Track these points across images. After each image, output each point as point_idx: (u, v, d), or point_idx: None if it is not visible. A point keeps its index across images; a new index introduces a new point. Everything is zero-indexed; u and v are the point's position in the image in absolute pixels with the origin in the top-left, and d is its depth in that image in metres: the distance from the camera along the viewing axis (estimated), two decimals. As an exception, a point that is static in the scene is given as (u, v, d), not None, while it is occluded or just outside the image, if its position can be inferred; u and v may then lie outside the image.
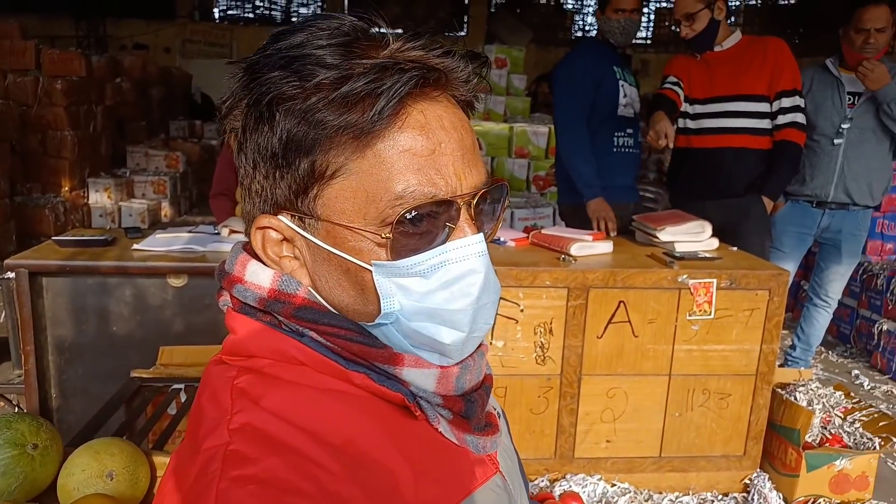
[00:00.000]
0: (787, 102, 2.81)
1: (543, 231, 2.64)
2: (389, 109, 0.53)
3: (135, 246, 2.25)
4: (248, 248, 0.65)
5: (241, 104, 0.58)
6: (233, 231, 2.46)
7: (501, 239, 2.59)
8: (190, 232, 2.46)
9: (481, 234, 0.59)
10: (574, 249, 2.39)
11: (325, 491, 0.51)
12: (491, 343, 2.26)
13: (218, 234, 2.45)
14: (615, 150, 3.05)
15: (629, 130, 3.05)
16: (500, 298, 2.36)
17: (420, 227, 0.56)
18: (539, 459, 2.37)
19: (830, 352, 4.02)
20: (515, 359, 2.28)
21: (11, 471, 0.83)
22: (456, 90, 0.60)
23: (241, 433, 0.53)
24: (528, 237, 2.62)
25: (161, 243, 2.28)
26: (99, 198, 6.35)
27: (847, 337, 4.13)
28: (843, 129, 2.98)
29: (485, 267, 0.59)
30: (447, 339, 0.59)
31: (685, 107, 2.97)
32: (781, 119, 2.82)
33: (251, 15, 12.85)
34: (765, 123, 2.85)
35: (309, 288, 0.61)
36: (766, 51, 2.83)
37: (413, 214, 0.55)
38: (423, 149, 0.55)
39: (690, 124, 2.98)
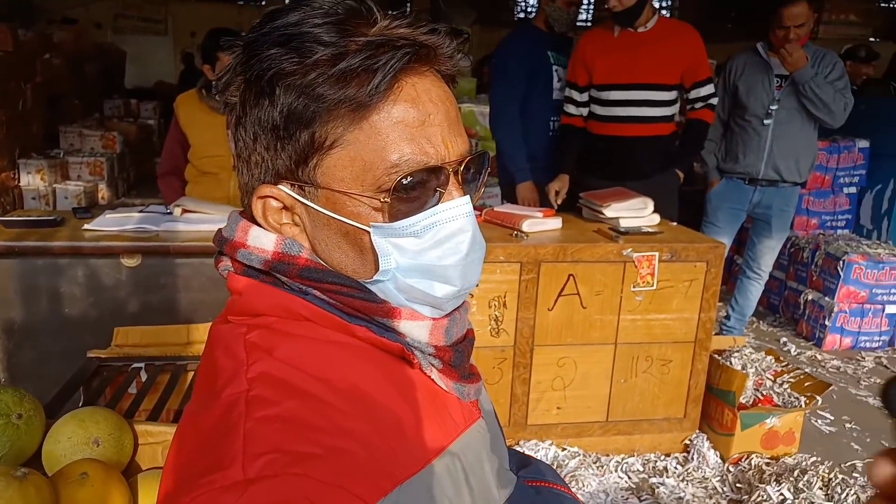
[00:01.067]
0: (704, 91, 2.96)
1: (496, 209, 2.72)
2: (385, 84, 0.58)
3: (85, 226, 2.21)
4: (245, 216, 0.68)
5: (238, 80, 0.62)
6: (185, 210, 2.44)
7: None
8: (141, 212, 2.43)
9: (468, 197, 0.65)
10: (526, 226, 2.48)
11: (339, 427, 0.56)
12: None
13: (170, 213, 2.42)
14: (551, 133, 3.17)
15: None
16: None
17: (414, 192, 0.61)
18: (493, 428, 2.46)
19: (761, 321, 4.26)
20: (470, 332, 2.36)
21: (-1, 439, 0.85)
22: (441, 65, 0.64)
23: (260, 380, 0.58)
24: (480, 215, 2.70)
25: (112, 223, 2.24)
26: (31, 179, 6.08)
27: (776, 307, 4.38)
28: (771, 110, 3.16)
29: (472, 226, 0.65)
30: (440, 293, 0.64)
31: (596, 93, 2.98)
32: (699, 104, 2.98)
33: (187, -11, 12.39)
34: (671, 110, 2.99)
35: (310, 251, 0.65)
36: (684, 41, 2.91)
37: (408, 181, 0.60)
38: (415, 120, 0.60)
39: (605, 111, 2.98)
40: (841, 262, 3.75)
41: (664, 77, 2.90)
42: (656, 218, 2.69)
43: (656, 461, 2.55)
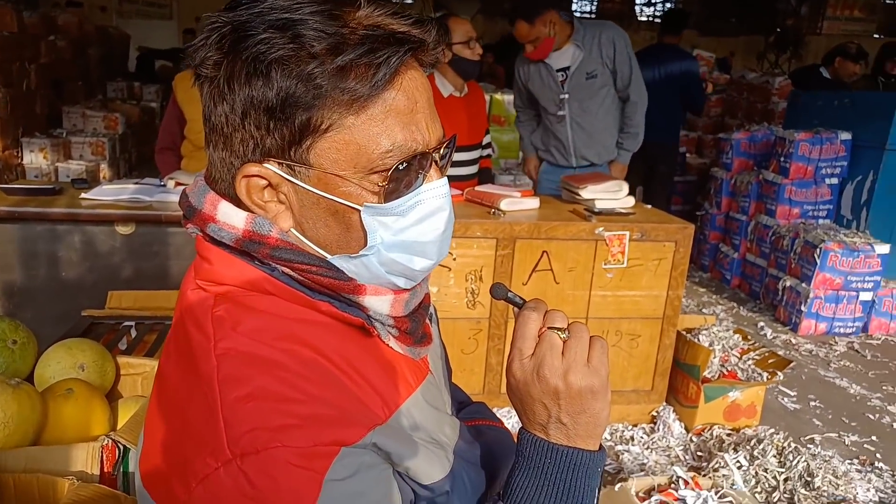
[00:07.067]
0: (486, 140, 3.28)
1: (477, 188, 2.83)
2: (387, 78, 0.62)
3: (83, 195, 2.33)
4: (215, 188, 0.69)
5: (218, 55, 0.62)
6: (178, 183, 2.55)
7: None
8: (136, 184, 2.55)
9: (445, 179, 0.71)
10: (504, 204, 2.59)
11: (310, 395, 0.61)
12: (425, 289, 2.45)
13: (164, 185, 2.54)
14: None
15: None
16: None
17: (402, 175, 0.66)
18: (470, 395, 2.58)
19: (742, 307, 4.38)
20: (448, 303, 2.48)
21: (-5, 360, 0.97)
22: (426, 55, 0.68)
23: (227, 357, 0.62)
24: (462, 194, 2.81)
25: (109, 193, 2.36)
26: (34, 158, 6.20)
27: (757, 294, 4.49)
28: (563, 100, 3.27)
29: (449, 205, 0.71)
30: (418, 266, 0.70)
31: None
32: (484, 152, 3.29)
33: (192, -26, 12.47)
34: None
35: (291, 229, 0.68)
36: (479, 98, 3.21)
37: (403, 166, 0.65)
38: (406, 108, 0.64)
39: None
40: (818, 250, 3.85)
41: (480, 136, 3.20)
42: (631, 200, 2.79)
43: (624, 431, 2.67)
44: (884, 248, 3.84)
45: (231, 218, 0.67)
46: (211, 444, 0.58)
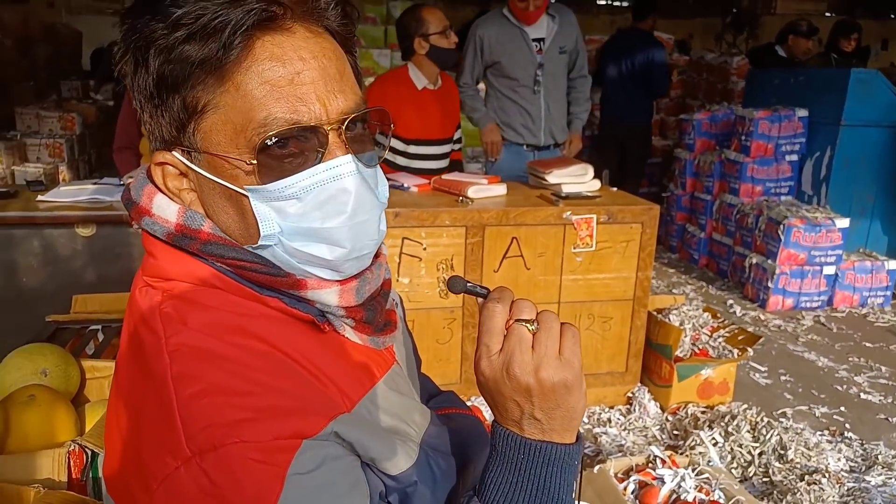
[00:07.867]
0: (458, 134, 3.25)
1: (444, 177, 2.82)
2: (237, 41, 0.58)
3: (40, 197, 2.26)
4: (153, 179, 0.68)
5: (126, 51, 0.62)
6: (140, 183, 2.49)
7: (405, 185, 2.74)
8: (95, 184, 2.48)
9: (350, 156, 0.63)
10: (471, 192, 2.58)
11: (266, 387, 0.59)
12: (397, 280, 2.44)
13: (123, 185, 2.48)
14: None
15: None
16: (404, 239, 2.50)
17: (285, 152, 0.61)
18: (446, 384, 2.57)
19: (710, 285, 4.44)
20: (421, 294, 2.47)
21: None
22: (316, 19, 0.64)
23: (179, 353, 0.60)
24: (429, 183, 2.79)
25: (67, 195, 2.30)
26: (-13, 162, 6.00)
27: (725, 272, 4.57)
28: (539, 77, 3.26)
29: (356, 186, 0.64)
30: (329, 255, 0.65)
31: (398, 144, 3.00)
32: (456, 146, 3.27)
33: (144, -31, 12.16)
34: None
35: (212, 223, 0.66)
36: (453, 90, 3.19)
37: (275, 140, 0.60)
38: (282, 79, 0.60)
39: (406, 162, 3.05)
40: (782, 226, 3.93)
41: (450, 130, 3.15)
42: (597, 184, 2.81)
43: (601, 413, 2.69)
44: (844, 222, 3.93)
45: (164, 211, 0.66)
46: (169, 444, 0.56)
